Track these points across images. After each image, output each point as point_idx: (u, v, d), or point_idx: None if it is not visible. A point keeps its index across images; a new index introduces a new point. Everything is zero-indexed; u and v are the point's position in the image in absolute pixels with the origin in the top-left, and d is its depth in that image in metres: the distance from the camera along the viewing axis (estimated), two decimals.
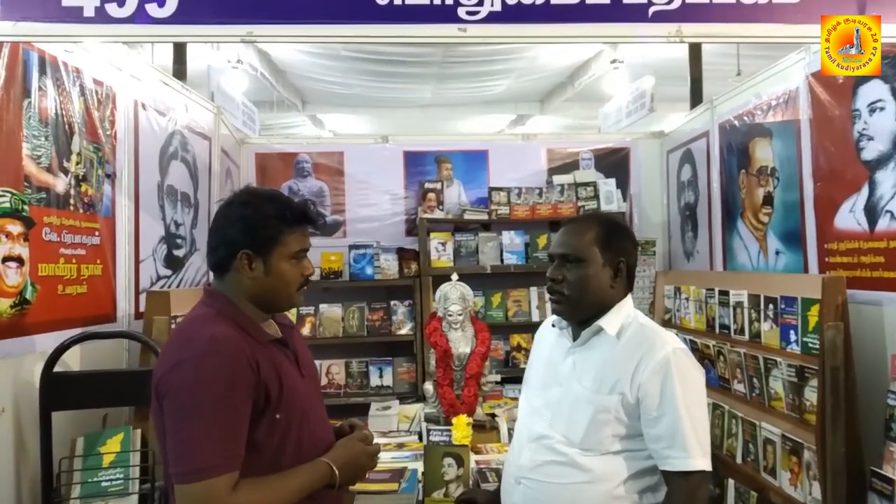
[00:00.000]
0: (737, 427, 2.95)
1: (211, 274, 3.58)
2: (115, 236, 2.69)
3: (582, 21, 1.93)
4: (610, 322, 1.70)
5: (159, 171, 3.07)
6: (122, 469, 2.16)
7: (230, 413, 1.38)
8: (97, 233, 2.55)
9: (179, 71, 4.46)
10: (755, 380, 2.81)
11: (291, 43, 3.60)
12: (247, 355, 1.43)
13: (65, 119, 2.36)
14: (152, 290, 2.75)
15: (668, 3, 1.99)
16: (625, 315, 1.72)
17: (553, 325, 1.86)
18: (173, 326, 2.47)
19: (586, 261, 1.69)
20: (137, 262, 2.84)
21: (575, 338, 1.76)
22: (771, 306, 2.74)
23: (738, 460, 2.91)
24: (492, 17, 1.91)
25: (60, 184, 2.34)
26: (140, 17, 1.83)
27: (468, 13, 1.91)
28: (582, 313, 1.72)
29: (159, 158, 3.08)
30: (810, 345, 2.48)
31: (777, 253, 3.25)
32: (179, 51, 4.61)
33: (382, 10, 1.88)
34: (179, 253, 3.24)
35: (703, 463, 1.57)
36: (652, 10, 1.98)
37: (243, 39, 1.87)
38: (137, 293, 2.80)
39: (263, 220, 1.51)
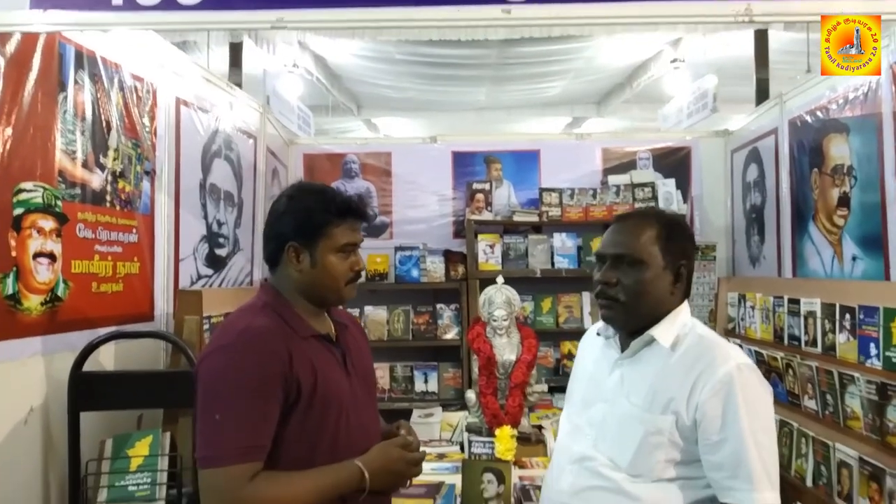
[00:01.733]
0: (807, 447, 2.70)
1: (255, 274, 3.55)
2: (153, 234, 2.65)
3: (637, 0, 1.76)
4: (664, 332, 1.51)
5: (202, 169, 3.03)
6: (149, 473, 2.10)
7: (255, 403, 1.37)
8: (135, 230, 2.52)
9: (235, 74, 4.47)
10: (829, 396, 2.57)
11: (322, 28, 3.50)
12: (278, 348, 1.41)
13: (102, 114, 2.33)
14: (184, 289, 2.70)
15: None
16: (681, 324, 1.53)
17: (598, 334, 1.68)
18: (206, 327, 2.41)
19: (645, 263, 1.51)
20: (177, 260, 2.80)
21: (623, 348, 1.58)
22: (848, 316, 2.50)
23: (809, 483, 2.66)
24: None
25: (96, 180, 2.30)
26: (168, 4, 1.76)
27: None
28: (636, 322, 1.54)
29: (202, 156, 3.04)
30: (894, 360, 2.24)
31: (854, 259, 2.98)
32: (235, 54, 4.62)
33: None
34: (222, 252, 3.20)
35: (770, 497, 1.38)
36: None
37: (273, 26, 1.77)
38: (177, 292, 2.75)
39: (308, 212, 1.53)
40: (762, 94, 5.35)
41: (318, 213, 1.53)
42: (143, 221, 2.58)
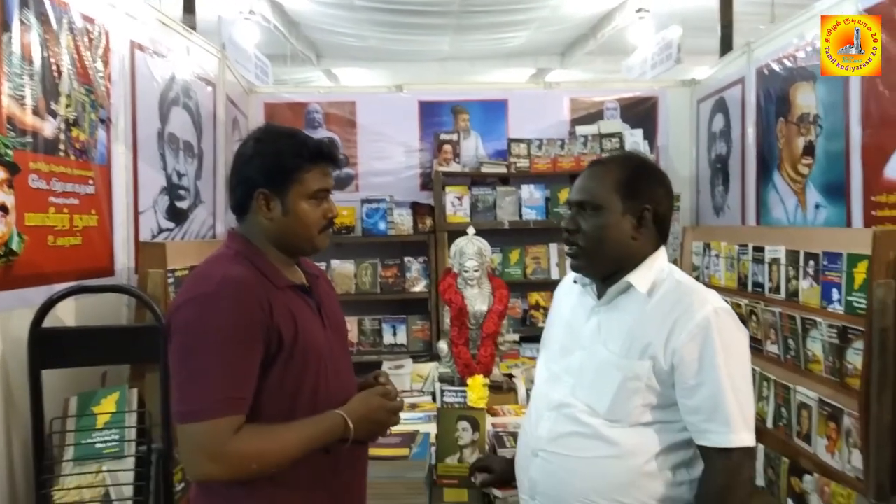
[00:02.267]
0: (768, 390, 2.79)
1: (218, 227, 3.46)
2: (111, 186, 2.54)
3: None
4: (640, 278, 1.50)
5: (159, 117, 2.91)
6: (117, 430, 2.05)
7: (236, 354, 1.33)
8: (91, 181, 2.40)
9: (189, 21, 4.26)
10: (791, 341, 2.63)
11: None
12: (258, 297, 1.36)
13: (51, 57, 2.19)
14: (147, 241, 2.61)
15: None
16: (658, 270, 1.52)
17: (574, 282, 1.67)
18: (170, 280, 2.34)
19: (604, 208, 1.50)
20: (137, 213, 2.70)
21: (600, 296, 1.57)
22: (811, 263, 2.55)
23: (769, 425, 2.75)
24: None
25: (48, 127, 2.18)
26: None
27: None
28: (601, 268, 1.54)
29: (159, 104, 2.91)
30: (855, 304, 2.29)
31: (817, 206, 3.03)
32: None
33: None
34: (183, 205, 3.10)
35: (746, 438, 1.40)
36: None
37: None
38: (137, 246, 2.66)
39: (279, 156, 1.45)
40: (726, 45, 5.35)
41: (288, 156, 1.45)
42: (100, 172, 2.47)
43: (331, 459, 1.43)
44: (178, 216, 3.04)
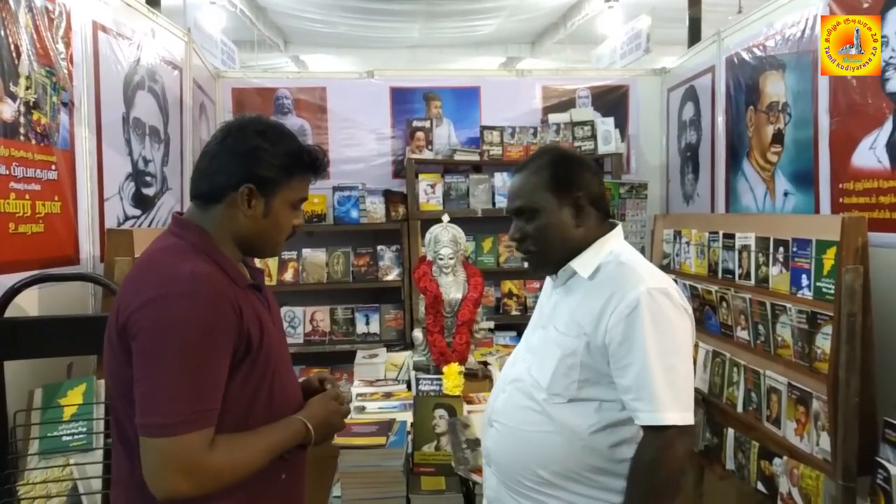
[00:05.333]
0: (738, 375, 2.83)
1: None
2: (74, 171, 2.46)
3: None
4: (584, 262, 1.54)
5: (124, 101, 2.82)
6: (84, 422, 1.99)
7: (209, 361, 1.22)
8: (54, 166, 2.32)
9: (153, 5, 4.14)
10: (761, 326, 2.67)
11: None
12: (230, 297, 1.26)
13: (9, 37, 2.10)
14: (114, 228, 2.53)
15: None
16: (606, 253, 1.55)
17: None
18: None
19: (541, 209, 1.54)
20: (102, 200, 2.62)
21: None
22: (781, 249, 2.58)
23: (739, 409, 2.79)
24: None
25: (7, 110, 2.10)
26: None
27: None
28: (556, 264, 1.58)
29: (124, 88, 2.82)
30: (824, 290, 2.33)
31: (786, 194, 3.08)
32: None
33: None
34: (149, 192, 3.02)
35: (675, 417, 1.39)
36: None
37: None
38: (103, 234, 2.58)
39: (278, 157, 1.36)
40: (695, 34, 5.41)
41: (291, 160, 1.37)
42: (63, 157, 2.39)
43: (284, 464, 1.40)
44: (144, 203, 2.96)
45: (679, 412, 1.40)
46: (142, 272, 1.33)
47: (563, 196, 1.53)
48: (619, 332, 1.42)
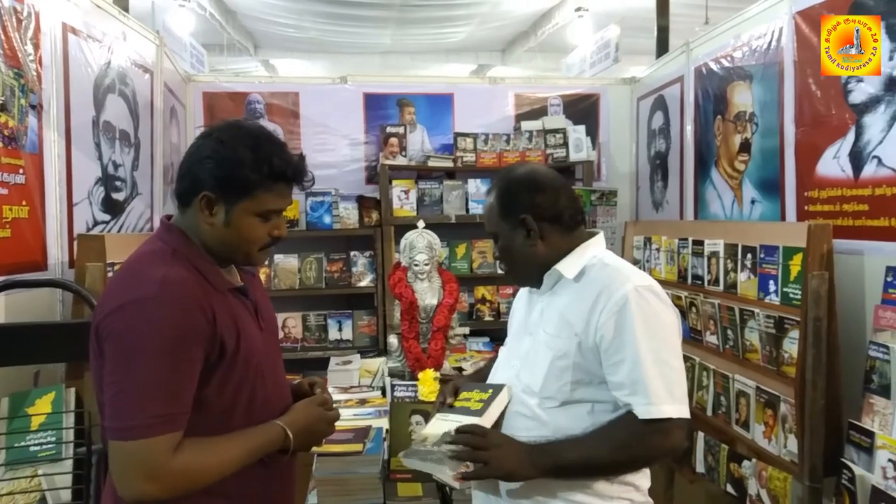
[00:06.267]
0: (708, 379, 2.88)
1: (155, 221, 3.33)
2: (43, 175, 2.41)
3: None
4: (569, 265, 1.56)
5: (94, 104, 2.77)
6: (54, 432, 1.95)
7: (177, 366, 1.23)
8: (21, 170, 2.27)
9: (121, 6, 4.07)
10: (729, 331, 2.73)
11: None
12: (201, 303, 1.27)
13: None
14: (85, 234, 2.48)
15: None
16: (589, 257, 1.57)
17: None
18: (110, 275, 2.23)
19: (498, 234, 1.63)
20: (70, 205, 2.57)
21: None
22: (749, 256, 2.64)
23: (709, 413, 2.85)
24: None
25: None
26: None
27: None
28: (527, 280, 1.66)
29: (94, 91, 2.77)
30: (791, 295, 2.39)
31: (752, 202, 3.15)
32: None
33: None
34: (119, 196, 2.97)
35: (670, 410, 1.40)
36: None
37: None
38: (71, 239, 2.53)
39: (234, 167, 1.32)
40: (663, 47, 5.51)
41: (245, 170, 1.31)
42: (31, 161, 2.34)
43: (265, 470, 1.39)
44: (114, 208, 2.91)
45: (675, 405, 1.41)
46: (120, 277, 1.35)
47: (510, 220, 1.57)
48: (610, 330, 1.44)
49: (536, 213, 1.56)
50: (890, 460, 1.91)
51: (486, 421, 1.51)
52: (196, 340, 1.25)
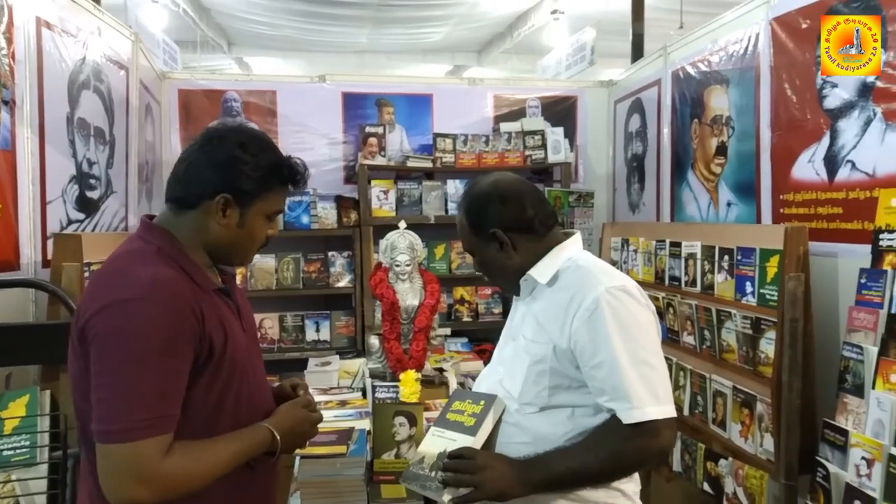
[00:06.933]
0: (685, 380, 2.92)
1: (130, 219, 3.27)
2: (15, 173, 2.35)
3: None
4: (542, 270, 1.57)
5: (68, 101, 2.71)
6: (28, 436, 1.90)
7: (167, 367, 1.22)
8: None
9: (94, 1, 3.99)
10: (707, 332, 2.76)
11: None
12: (191, 303, 1.26)
13: None
14: (61, 233, 2.43)
15: None
16: (564, 259, 1.57)
17: None
18: (87, 275, 2.19)
19: (474, 250, 1.66)
20: (44, 203, 2.51)
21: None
22: (726, 257, 2.68)
23: (686, 412, 2.88)
24: None
25: None
26: None
27: None
28: (512, 287, 1.66)
29: (68, 87, 2.71)
30: (767, 296, 2.43)
31: (728, 204, 3.20)
32: None
33: None
34: (93, 195, 2.91)
35: (654, 411, 1.38)
36: None
37: None
38: (45, 238, 2.47)
39: (257, 169, 1.36)
40: (638, 49, 5.57)
41: (266, 173, 1.37)
42: (3, 158, 2.28)
43: (250, 473, 1.38)
44: (88, 207, 2.85)
45: (659, 405, 1.39)
46: (103, 275, 1.32)
47: (481, 236, 1.60)
48: (584, 335, 1.43)
49: (505, 225, 1.58)
50: (863, 458, 1.95)
51: (479, 439, 1.51)
52: (186, 341, 1.24)
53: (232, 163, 1.35)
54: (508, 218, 1.58)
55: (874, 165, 2.30)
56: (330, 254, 4.07)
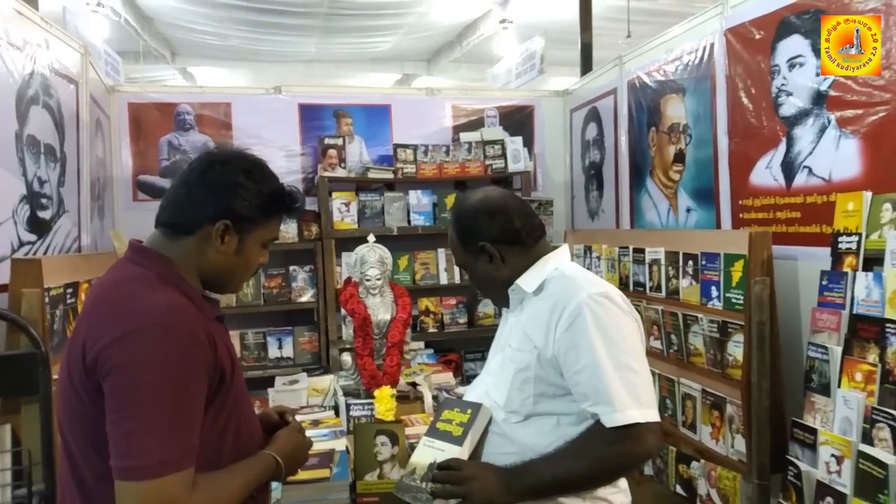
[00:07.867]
0: (654, 384, 2.95)
1: (83, 239, 3.12)
2: None
3: None
4: (528, 280, 1.60)
5: (17, 117, 2.58)
6: None
7: (189, 398, 1.18)
8: None
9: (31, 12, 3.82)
10: (673, 336, 2.82)
11: None
12: (205, 331, 1.23)
13: None
14: (19, 257, 2.30)
15: None
16: (550, 269, 1.60)
17: None
18: (46, 300, 2.08)
19: (465, 265, 1.70)
20: None
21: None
22: (690, 263, 2.74)
23: None
24: None
25: None
26: None
27: None
28: (503, 299, 1.68)
29: (16, 102, 2.58)
30: (733, 300, 2.49)
31: (688, 210, 3.27)
32: None
33: None
34: (45, 215, 2.77)
35: (637, 414, 1.39)
36: None
37: None
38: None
39: (260, 197, 1.34)
40: (587, 58, 5.66)
41: (268, 200, 1.35)
42: None
43: (251, 501, 1.35)
44: (40, 227, 2.72)
45: (641, 409, 1.40)
46: (108, 304, 1.24)
47: (471, 250, 1.63)
48: (566, 342, 1.45)
49: (493, 239, 1.61)
50: (833, 455, 2.01)
51: (465, 449, 1.52)
52: (203, 369, 1.21)
53: (235, 189, 1.32)
54: (496, 231, 1.61)
55: (830, 171, 2.39)
56: (291, 268, 4.00)
